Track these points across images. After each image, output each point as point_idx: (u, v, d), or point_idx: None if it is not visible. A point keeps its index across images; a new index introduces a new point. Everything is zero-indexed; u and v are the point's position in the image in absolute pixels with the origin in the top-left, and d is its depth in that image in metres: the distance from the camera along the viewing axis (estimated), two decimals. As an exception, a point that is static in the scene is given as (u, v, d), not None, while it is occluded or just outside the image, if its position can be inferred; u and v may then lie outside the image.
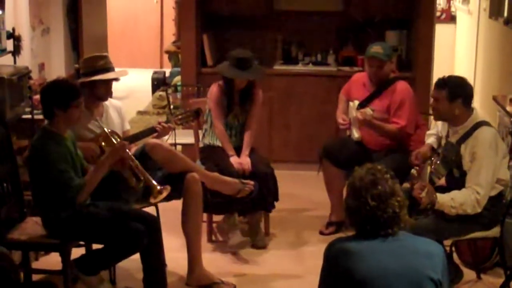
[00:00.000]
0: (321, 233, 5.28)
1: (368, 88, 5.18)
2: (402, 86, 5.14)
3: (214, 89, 5.13)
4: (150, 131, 4.50)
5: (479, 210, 3.95)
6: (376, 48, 5.07)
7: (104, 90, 4.38)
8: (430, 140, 4.51)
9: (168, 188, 4.05)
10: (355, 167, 2.85)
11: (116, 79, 4.43)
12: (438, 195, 3.90)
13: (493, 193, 4.01)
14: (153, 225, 4.04)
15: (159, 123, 4.51)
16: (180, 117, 4.64)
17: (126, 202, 4.24)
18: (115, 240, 3.85)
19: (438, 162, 4.19)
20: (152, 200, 4.09)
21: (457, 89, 4.04)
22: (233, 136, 5.15)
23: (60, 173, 3.77)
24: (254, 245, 5.00)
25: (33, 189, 3.96)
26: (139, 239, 3.87)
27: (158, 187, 4.02)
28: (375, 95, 5.13)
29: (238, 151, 5.04)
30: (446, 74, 4.14)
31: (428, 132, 4.69)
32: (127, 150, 4.02)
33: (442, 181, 4.21)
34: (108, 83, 4.39)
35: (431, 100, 4.17)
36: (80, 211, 3.89)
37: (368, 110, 5.00)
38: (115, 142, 4.13)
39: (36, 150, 3.85)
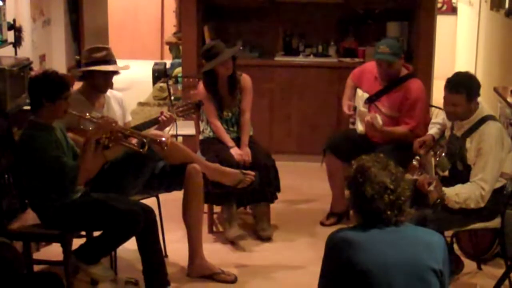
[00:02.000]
0: (322, 224, 5.27)
1: (380, 82, 5.05)
2: (416, 86, 5.01)
3: (201, 87, 5.12)
4: (152, 122, 4.48)
5: (482, 205, 3.96)
6: (382, 49, 4.91)
7: (102, 81, 4.35)
8: (433, 130, 4.49)
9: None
10: (355, 158, 2.84)
11: (116, 72, 4.41)
12: (445, 189, 3.90)
13: (496, 186, 4.02)
14: (149, 216, 4.02)
15: (162, 113, 4.50)
16: (181, 109, 4.62)
17: (127, 193, 4.24)
18: (112, 222, 3.82)
19: (443, 154, 4.17)
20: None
21: (473, 89, 4.02)
22: (231, 128, 5.14)
23: (53, 159, 3.74)
24: (259, 236, 4.99)
25: (26, 182, 3.92)
26: (135, 219, 3.85)
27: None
28: (386, 91, 5.03)
29: (238, 142, 5.04)
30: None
31: (433, 121, 4.64)
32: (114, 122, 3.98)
33: (445, 173, 4.20)
34: (107, 75, 4.35)
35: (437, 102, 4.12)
36: (73, 200, 3.89)
37: (378, 121, 4.88)
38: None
39: (26, 141, 3.82)
